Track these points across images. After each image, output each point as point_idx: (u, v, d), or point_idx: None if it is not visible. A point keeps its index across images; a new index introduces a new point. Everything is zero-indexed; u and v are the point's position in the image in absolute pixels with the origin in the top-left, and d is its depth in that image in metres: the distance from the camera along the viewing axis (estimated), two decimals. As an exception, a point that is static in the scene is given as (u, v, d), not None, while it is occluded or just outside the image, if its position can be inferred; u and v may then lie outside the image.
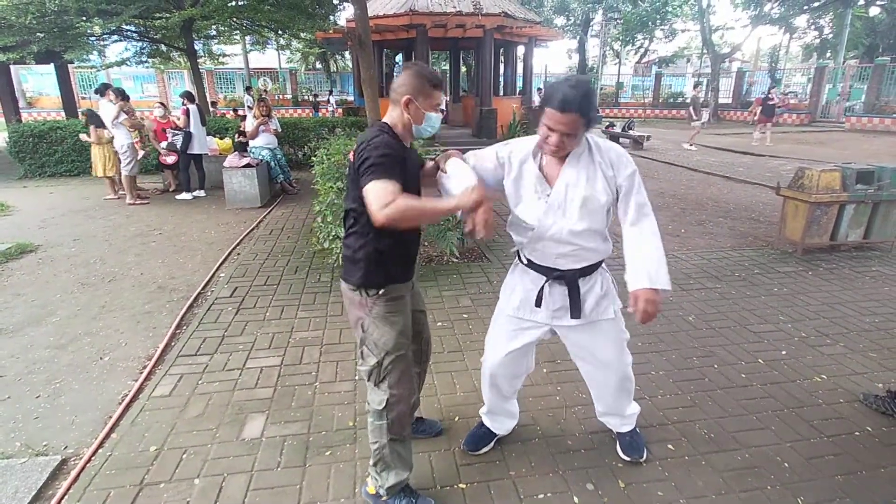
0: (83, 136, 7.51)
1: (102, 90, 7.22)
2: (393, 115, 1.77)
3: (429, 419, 2.39)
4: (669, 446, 2.25)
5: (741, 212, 6.52)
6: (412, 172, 1.80)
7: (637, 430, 2.23)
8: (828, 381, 2.75)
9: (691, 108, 12.95)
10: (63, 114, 13.40)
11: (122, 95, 7.21)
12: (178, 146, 7.43)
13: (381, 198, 1.56)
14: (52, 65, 13.06)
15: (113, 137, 7.07)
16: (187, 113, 7.40)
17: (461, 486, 2.03)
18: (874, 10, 23.02)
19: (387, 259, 1.76)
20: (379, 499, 1.89)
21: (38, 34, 9.35)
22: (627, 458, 2.14)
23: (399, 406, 1.81)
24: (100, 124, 7.07)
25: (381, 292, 1.77)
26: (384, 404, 1.80)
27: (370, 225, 1.66)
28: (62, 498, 1.98)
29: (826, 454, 2.20)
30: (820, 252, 4.84)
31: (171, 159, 7.72)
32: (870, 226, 4.80)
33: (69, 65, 13.60)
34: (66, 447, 2.31)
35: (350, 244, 1.79)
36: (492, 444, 2.23)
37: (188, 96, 7.68)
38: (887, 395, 2.53)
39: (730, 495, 1.98)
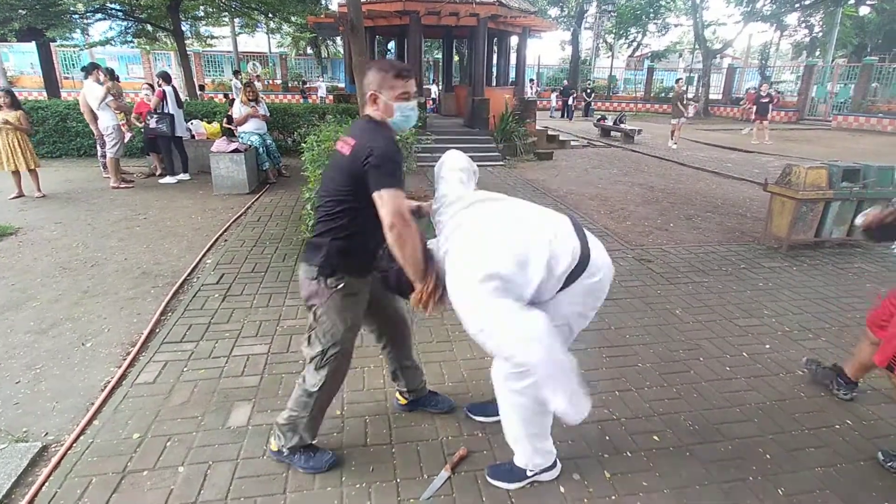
0: None
1: (90, 69, 7.02)
2: (372, 112, 1.82)
3: (442, 395, 2.45)
4: (654, 437, 2.28)
5: (729, 207, 6.58)
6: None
7: None
8: (810, 376, 2.79)
9: (679, 104, 12.79)
10: (45, 93, 13.05)
11: (112, 76, 7.03)
12: (166, 130, 7.25)
13: (397, 210, 1.66)
14: (33, 43, 12.68)
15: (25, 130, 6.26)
16: (163, 95, 7.20)
17: (449, 475, 2.03)
18: (864, 10, 23.24)
19: (350, 250, 1.83)
20: (281, 454, 2.03)
21: (20, 11, 9.09)
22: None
23: (328, 392, 1.97)
24: (20, 106, 6.35)
25: (339, 286, 1.83)
26: (317, 388, 1.92)
27: (346, 216, 1.77)
28: (42, 484, 1.95)
29: (807, 446, 2.24)
30: (805, 248, 4.91)
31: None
32: (853, 223, 4.87)
33: (51, 43, 13.23)
34: (46, 434, 2.27)
35: (319, 230, 1.85)
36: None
37: (164, 77, 7.45)
38: (832, 368, 2.63)
39: (713, 486, 2.01)
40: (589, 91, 22.68)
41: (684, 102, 12.94)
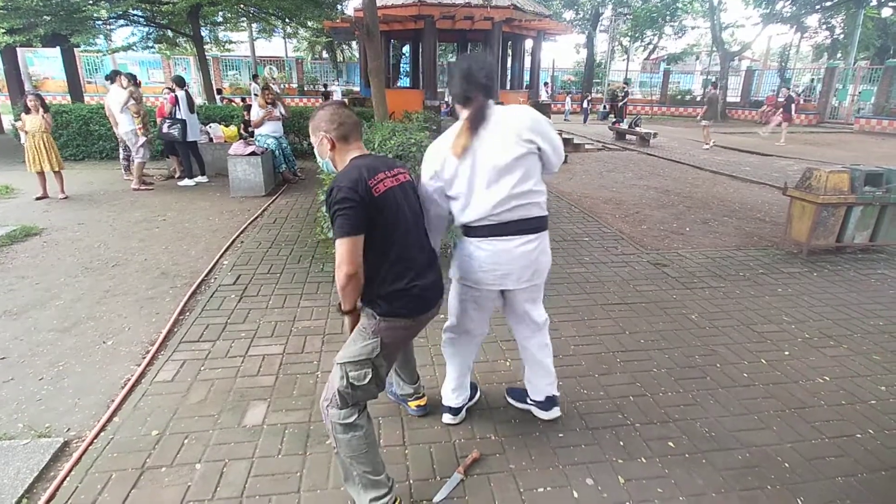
0: (18, 124, 6.54)
1: (113, 76, 7.26)
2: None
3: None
4: (670, 444, 2.25)
5: (747, 211, 6.48)
6: None
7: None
8: (830, 383, 2.74)
9: (711, 107, 12.49)
10: (69, 97, 13.38)
11: (134, 81, 7.22)
12: (177, 135, 7.34)
13: None
14: (58, 48, 13.01)
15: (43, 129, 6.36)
16: (175, 101, 7.27)
17: (461, 477, 2.03)
18: (886, 11, 22.73)
19: None
20: None
21: (45, 17, 9.31)
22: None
23: None
24: (47, 109, 6.51)
25: None
26: None
27: None
28: (64, 479, 1.99)
29: (827, 455, 2.20)
30: (825, 253, 4.81)
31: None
32: (876, 228, 4.77)
33: (75, 48, 13.54)
34: (68, 429, 2.32)
35: (433, 256, 2.00)
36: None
37: (178, 81, 7.50)
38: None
39: (730, 494, 1.98)
40: (624, 94, 22.02)
41: (714, 106, 12.68)
